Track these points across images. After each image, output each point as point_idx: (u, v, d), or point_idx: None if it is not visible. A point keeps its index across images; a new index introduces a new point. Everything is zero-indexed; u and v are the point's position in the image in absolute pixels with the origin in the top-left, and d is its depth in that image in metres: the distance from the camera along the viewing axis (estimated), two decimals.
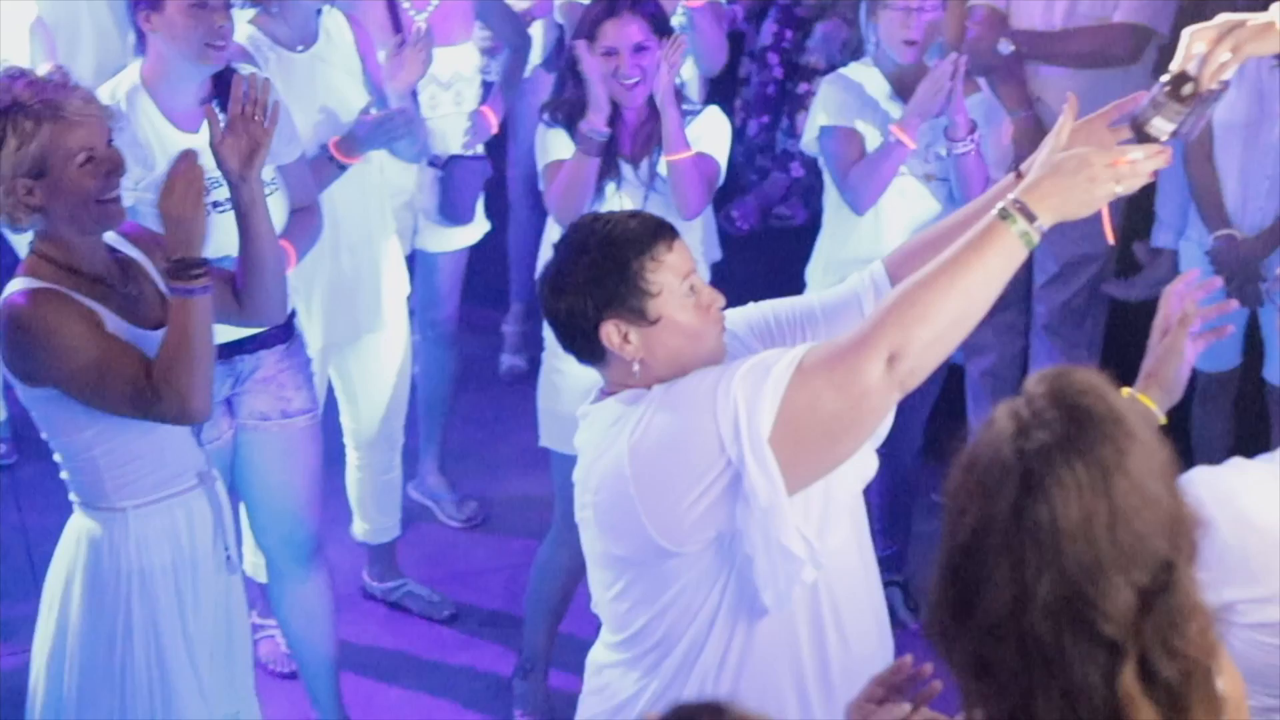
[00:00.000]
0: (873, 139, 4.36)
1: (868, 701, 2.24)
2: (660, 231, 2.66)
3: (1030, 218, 2.39)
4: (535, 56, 5.56)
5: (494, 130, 5.00)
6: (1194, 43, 2.59)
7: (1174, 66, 2.56)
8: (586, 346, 2.68)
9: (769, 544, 2.52)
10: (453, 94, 4.82)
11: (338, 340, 4.47)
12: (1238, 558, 2.21)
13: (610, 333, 2.62)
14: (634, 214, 2.74)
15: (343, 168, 4.23)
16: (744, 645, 2.65)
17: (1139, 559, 1.69)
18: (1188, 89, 2.48)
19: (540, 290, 2.74)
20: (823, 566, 2.59)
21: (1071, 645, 1.69)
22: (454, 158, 4.83)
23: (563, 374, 4.25)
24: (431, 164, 4.78)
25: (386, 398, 4.66)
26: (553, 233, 4.23)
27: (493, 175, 5.06)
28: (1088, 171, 2.42)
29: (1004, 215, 2.39)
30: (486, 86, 5.02)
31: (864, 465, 2.68)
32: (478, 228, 5.05)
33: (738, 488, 2.50)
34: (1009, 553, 1.70)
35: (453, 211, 4.88)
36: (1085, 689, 1.69)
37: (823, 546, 2.58)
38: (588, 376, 4.13)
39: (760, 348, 2.70)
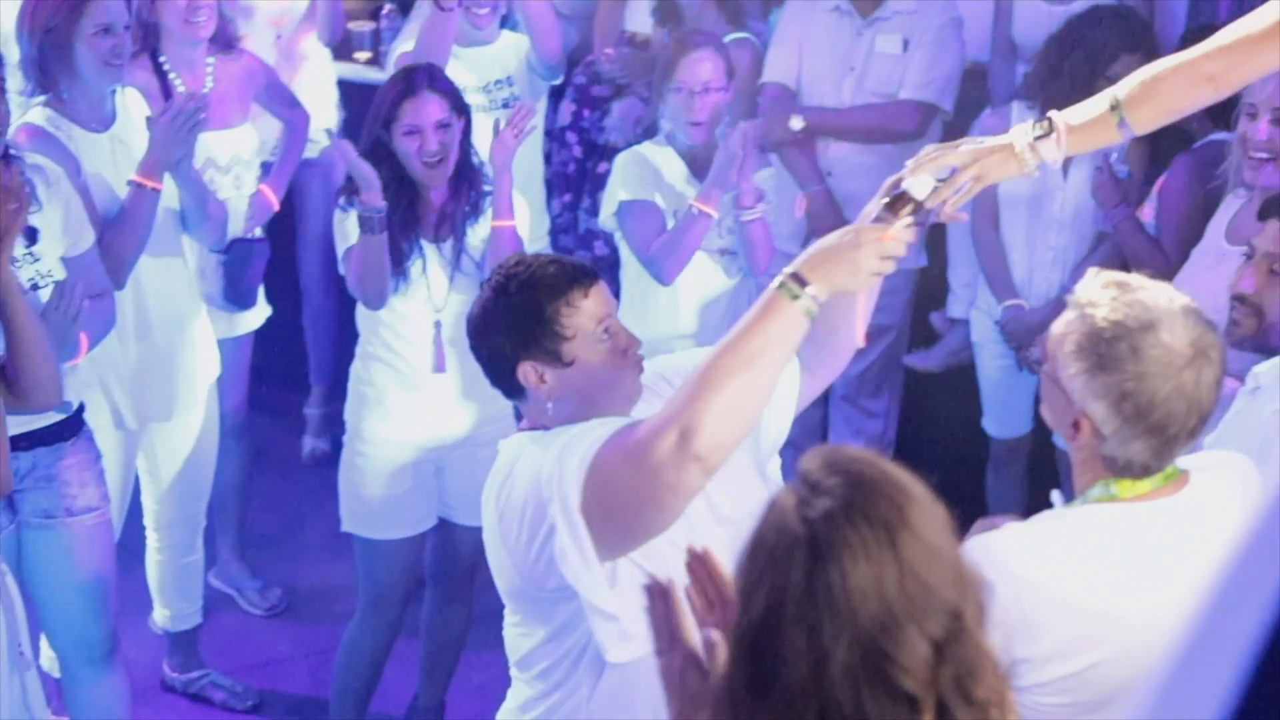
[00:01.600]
0: (667, 215, 4.41)
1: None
2: (577, 277, 2.79)
3: (804, 285, 2.45)
4: (325, 139, 5.54)
5: (275, 207, 4.96)
6: (927, 163, 2.76)
7: (905, 177, 2.70)
8: (506, 383, 2.84)
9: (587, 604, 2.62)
10: (232, 177, 4.77)
11: (149, 421, 4.38)
12: (1015, 618, 2.26)
13: (527, 372, 2.78)
14: (554, 259, 2.85)
15: (156, 192, 4.11)
16: (613, 683, 2.71)
17: (930, 610, 1.72)
18: (906, 210, 2.59)
19: (466, 328, 2.89)
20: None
21: (871, 704, 1.71)
22: (235, 241, 4.77)
23: (366, 457, 4.22)
24: (213, 249, 4.71)
25: (190, 478, 4.58)
26: (364, 308, 4.20)
27: (277, 258, 5.02)
28: (852, 240, 2.51)
29: (780, 285, 2.47)
30: (266, 169, 4.98)
31: (739, 502, 2.72)
32: (260, 313, 4.99)
33: None
34: (804, 621, 1.72)
35: (236, 296, 4.81)
36: None
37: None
38: (391, 458, 4.17)
39: None
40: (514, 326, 2.78)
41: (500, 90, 4.97)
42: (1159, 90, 2.89)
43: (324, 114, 5.54)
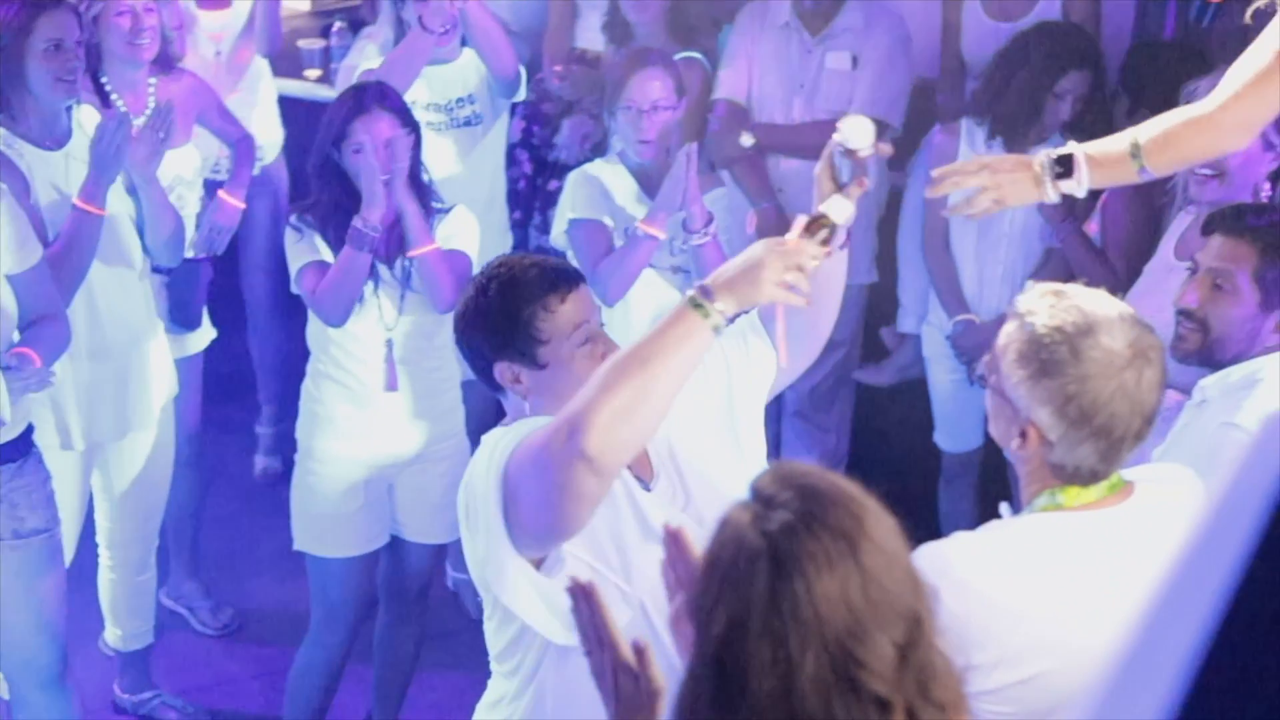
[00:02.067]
0: (617, 233, 4.42)
1: None
2: (556, 282, 2.81)
3: (710, 298, 2.47)
4: (266, 155, 5.51)
5: (242, 205, 4.92)
6: (949, 185, 2.90)
7: (829, 199, 2.72)
8: (487, 379, 2.88)
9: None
10: (174, 198, 4.72)
11: (101, 440, 4.35)
12: (962, 625, 2.28)
13: (503, 371, 2.82)
14: (536, 261, 2.87)
15: (97, 217, 4.07)
16: (577, 671, 2.70)
17: (893, 615, 1.74)
18: (823, 233, 2.61)
19: (453, 324, 2.94)
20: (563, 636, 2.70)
21: (842, 711, 1.72)
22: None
23: (317, 475, 4.20)
24: (155, 270, 4.67)
25: (146, 496, 4.54)
26: (314, 327, 4.19)
27: (222, 277, 4.98)
28: (758, 254, 2.53)
29: (688, 297, 2.49)
30: (208, 187, 4.96)
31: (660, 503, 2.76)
32: (205, 334, 4.95)
33: None
34: (769, 635, 1.72)
35: (183, 316, 4.78)
36: None
37: (633, 588, 2.70)
38: (343, 476, 4.16)
39: None
40: (490, 328, 2.82)
41: (462, 108, 4.95)
42: (1181, 144, 2.95)
43: (266, 129, 5.53)
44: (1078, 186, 2.96)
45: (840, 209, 2.66)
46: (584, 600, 2.09)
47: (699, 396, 2.89)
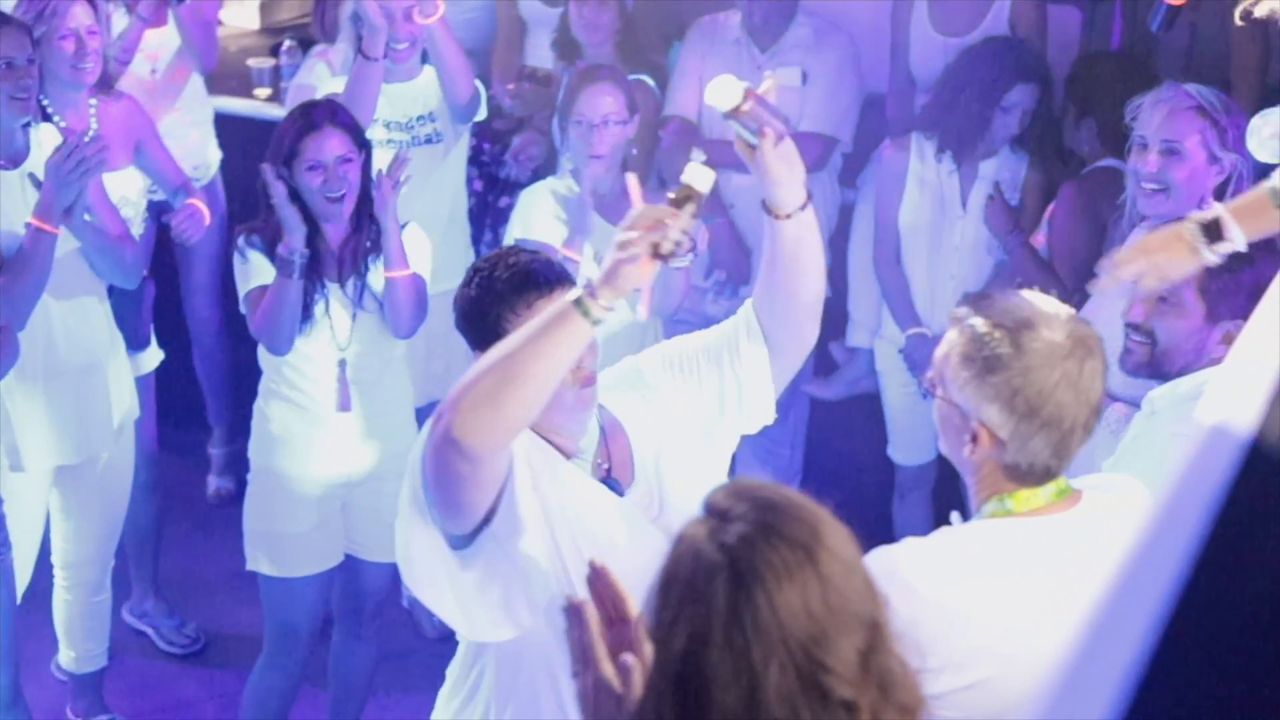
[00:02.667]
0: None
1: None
2: (526, 287, 2.82)
3: (593, 295, 2.50)
4: (203, 175, 5.47)
5: (207, 219, 4.85)
6: (1109, 283, 2.98)
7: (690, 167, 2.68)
8: None
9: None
10: None
11: (67, 462, 4.33)
12: (908, 630, 2.29)
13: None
14: (519, 262, 2.87)
15: (53, 235, 4.03)
16: (515, 656, 2.83)
17: (854, 621, 1.76)
18: (690, 206, 2.61)
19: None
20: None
21: (809, 718, 1.72)
22: None
23: (271, 494, 4.18)
24: (126, 287, 4.63)
25: (104, 517, 4.52)
26: (262, 354, 4.17)
27: (169, 298, 4.95)
28: (618, 234, 2.56)
29: (572, 293, 2.53)
30: (153, 208, 4.92)
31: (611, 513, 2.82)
32: (154, 354, 4.91)
33: None
34: (731, 647, 1.73)
35: (129, 337, 4.74)
36: None
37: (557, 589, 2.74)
38: (296, 495, 4.14)
39: (669, 382, 2.94)
40: (467, 322, 2.88)
41: (423, 126, 4.94)
42: None
43: (204, 148, 5.50)
44: (1233, 245, 3.00)
45: (701, 177, 2.66)
46: (577, 620, 2.08)
47: (694, 408, 2.94)
